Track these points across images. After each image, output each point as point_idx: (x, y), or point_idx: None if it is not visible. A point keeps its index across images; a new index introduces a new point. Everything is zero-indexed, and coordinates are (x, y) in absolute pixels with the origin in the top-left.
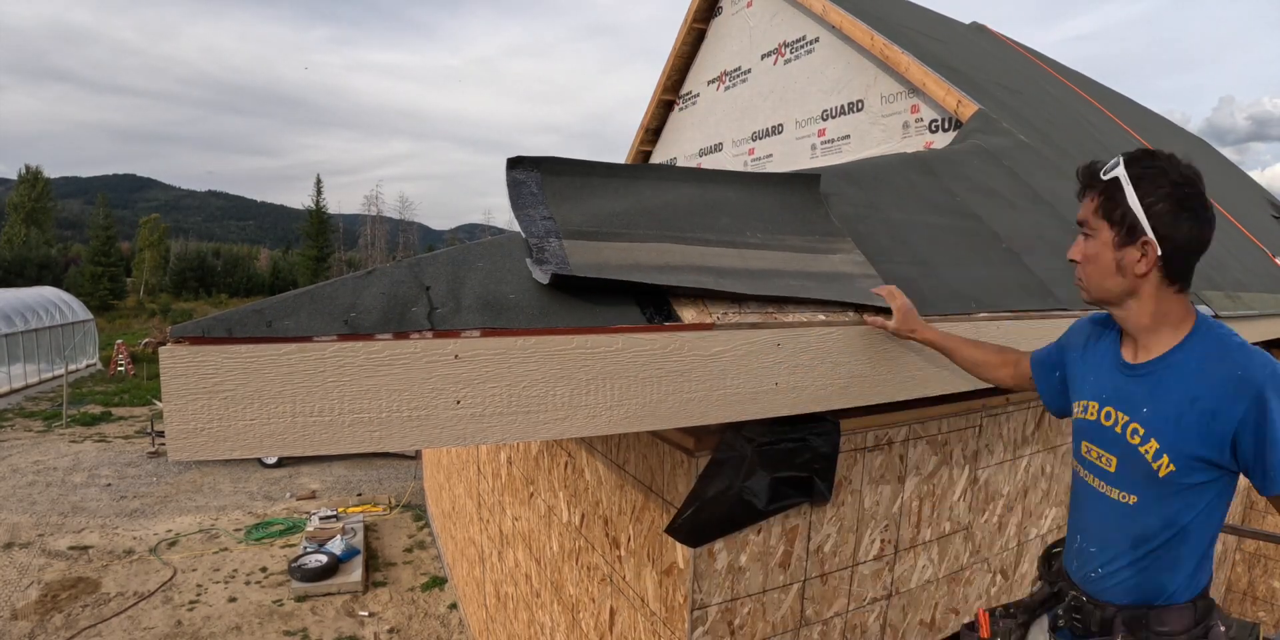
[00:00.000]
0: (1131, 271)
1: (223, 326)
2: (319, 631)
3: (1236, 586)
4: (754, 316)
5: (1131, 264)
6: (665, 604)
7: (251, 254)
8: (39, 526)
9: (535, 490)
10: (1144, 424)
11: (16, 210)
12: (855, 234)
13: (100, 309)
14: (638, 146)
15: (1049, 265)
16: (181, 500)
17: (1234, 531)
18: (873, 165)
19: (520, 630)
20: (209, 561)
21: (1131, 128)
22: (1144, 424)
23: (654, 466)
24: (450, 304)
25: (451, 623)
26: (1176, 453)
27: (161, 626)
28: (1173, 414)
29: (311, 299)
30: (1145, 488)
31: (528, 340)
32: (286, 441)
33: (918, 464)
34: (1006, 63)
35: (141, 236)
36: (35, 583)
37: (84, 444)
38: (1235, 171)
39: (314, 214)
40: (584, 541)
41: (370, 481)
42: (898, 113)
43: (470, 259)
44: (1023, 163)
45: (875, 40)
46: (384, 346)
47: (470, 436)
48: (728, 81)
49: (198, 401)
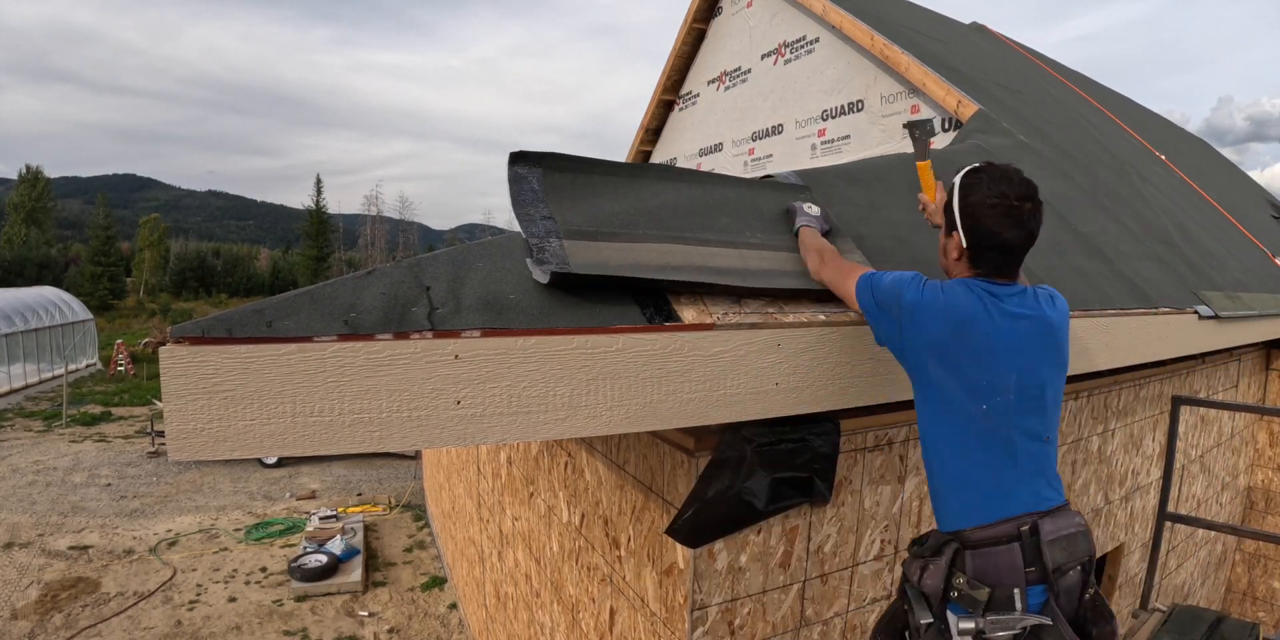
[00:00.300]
0: (949, 255)
1: (223, 326)
2: (319, 631)
3: (1236, 586)
4: (754, 317)
5: (949, 250)
6: (665, 604)
7: (251, 254)
8: (39, 526)
9: (535, 490)
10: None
11: (17, 210)
12: (855, 234)
13: (100, 309)
14: (638, 146)
15: (1049, 265)
16: (181, 500)
17: (1234, 531)
18: (873, 165)
19: (520, 630)
20: (209, 561)
21: (1131, 128)
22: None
23: (654, 467)
24: (450, 304)
25: (451, 623)
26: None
27: (161, 626)
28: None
29: (312, 299)
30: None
31: (528, 340)
32: (286, 441)
33: (918, 464)
34: (1006, 63)
35: (141, 236)
36: (35, 582)
37: (84, 444)
38: (1235, 172)
39: (314, 214)
40: (584, 541)
41: (370, 481)
42: (898, 113)
43: (470, 259)
44: (1023, 163)
45: (875, 40)
46: (384, 346)
47: (470, 437)
48: (728, 81)
49: (198, 401)
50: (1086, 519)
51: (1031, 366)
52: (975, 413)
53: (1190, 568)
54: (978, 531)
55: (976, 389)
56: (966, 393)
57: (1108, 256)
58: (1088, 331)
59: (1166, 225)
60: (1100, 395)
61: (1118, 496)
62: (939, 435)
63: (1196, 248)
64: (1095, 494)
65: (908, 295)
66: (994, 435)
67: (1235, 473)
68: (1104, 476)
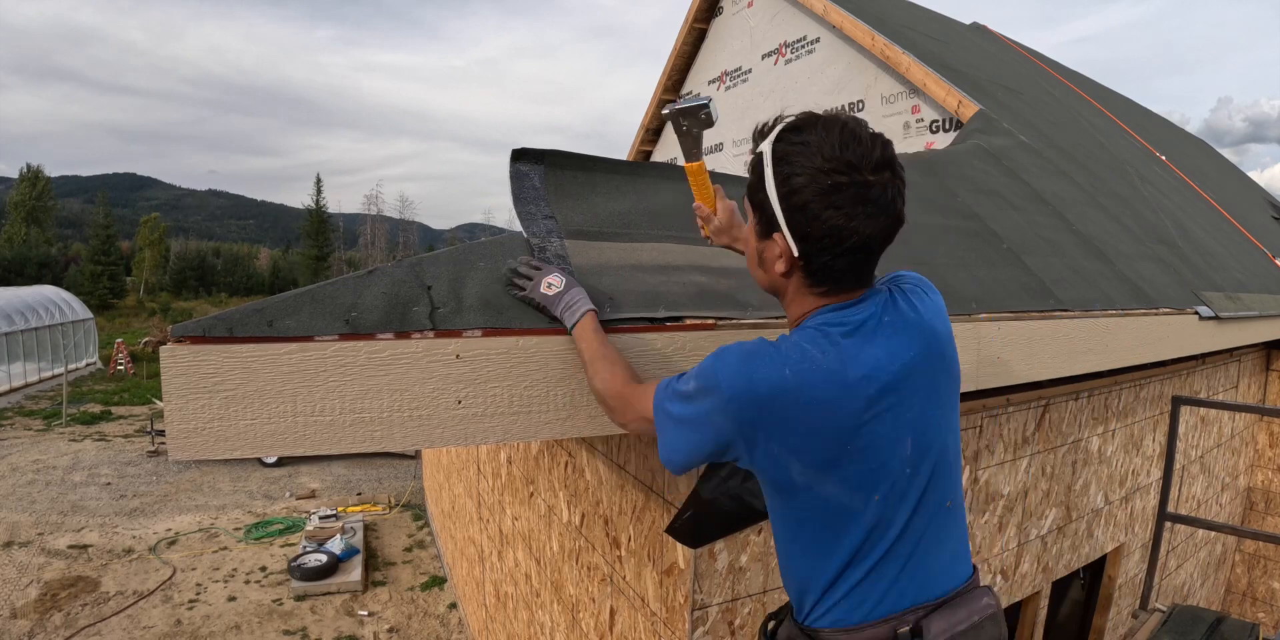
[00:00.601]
0: (770, 268)
1: (223, 326)
2: (318, 631)
3: (1236, 587)
4: (755, 317)
5: (771, 260)
6: (666, 604)
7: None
8: (38, 525)
9: (535, 490)
10: None
11: (17, 209)
12: None
13: (100, 308)
14: (638, 146)
15: (1049, 265)
16: (181, 499)
17: (1234, 532)
18: None
19: (520, 630)
20: (208, 560)
21: (1132, 128)
22: None
23: (655, 466)
24: (451, 304)
25: (451, 622)
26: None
27: (161, 625)
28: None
29: (312, 298)
30: None
31: (529, 340)
32: (287, 441)
33: None
34: (1007, 63)
35: (141, 235)
36: (35, 582)
37: (84, 443)
38: (1235, 172)
39: (314, 213)
40: (584, 541)
41: (370, 481)
42: (899, 113)
43: (471, 259)
44: (1023, 163)
45: (876, 40)
46: (385, 346)
47: (472, 436)
48: (728, 81)
49: (198, 401)
50: (998, 597)
51: (925, 418)
52: (861, 507)
53: (1190, 568)
54: (840, 634)
55: (860, 483)
56: (848, 489)
57: (1108, 257)
58: (1088, 332)
59: (1166, 225)
60: (1100, 395)
61: (1118, 497)
62: (795, 528)
63: (1197, 248)
64: (1095, 494)
65: (728, 390)
66: (875, 523)
67: (1235, 473)
68: (1104, 477)
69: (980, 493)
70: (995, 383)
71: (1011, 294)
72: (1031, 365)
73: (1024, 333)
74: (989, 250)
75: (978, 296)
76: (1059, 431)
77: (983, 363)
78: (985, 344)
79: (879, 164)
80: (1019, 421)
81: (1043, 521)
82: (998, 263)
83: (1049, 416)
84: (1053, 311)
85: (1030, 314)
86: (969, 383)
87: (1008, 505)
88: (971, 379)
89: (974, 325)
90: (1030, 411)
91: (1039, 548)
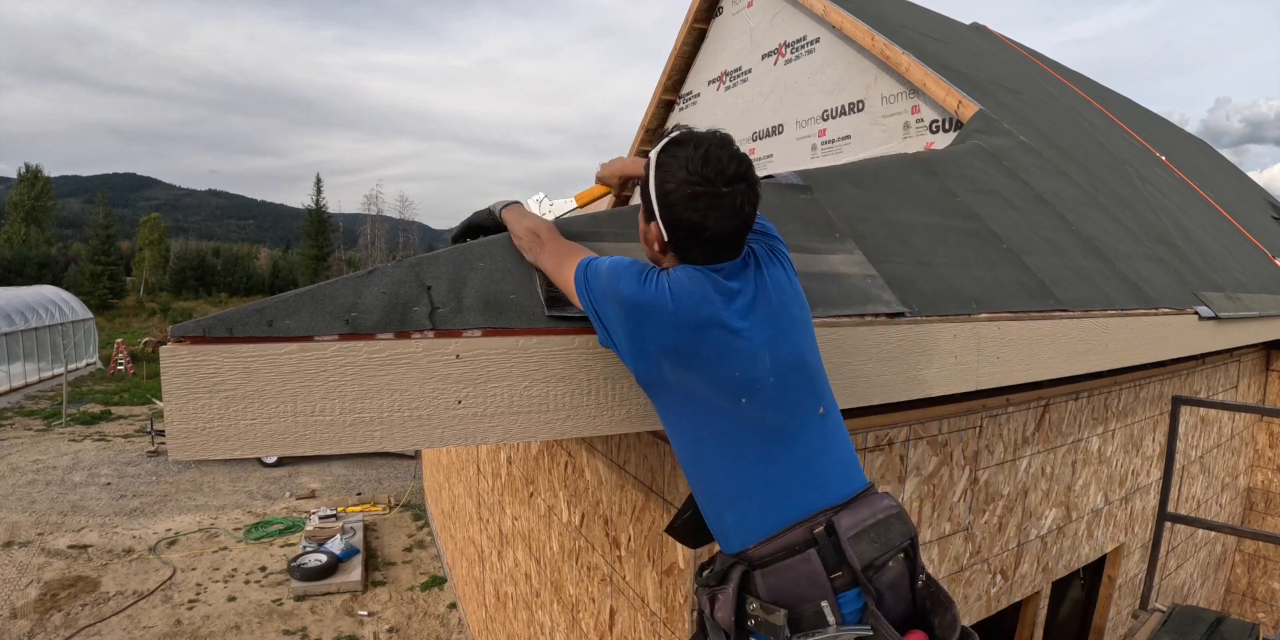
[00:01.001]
0: (651, 245)
1: (224, 326)
2: (318, 631)
3: (1236, 587)
4: None
5: (651, 240)
6: (666, 604)
7: (251, 253)
8: (38, 525)
9: (535, 490)
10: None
11: (16, 209)
12: (856, 234)
13: (100, 308)
14: (638, 147)
15: (1049, 265)
16: (181, 499)
17: (1234, 532)
18: (874, 166)
19: (520, 630)
20: (208, 560)
21: (1131, 128)
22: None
23: (654, 466)
24: (452, 304)
25: (451, 622)
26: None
27: (161, 625)
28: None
29: (313, 298)
30: None
31: (529, 340)
32: (287, 441)
33: (918, 464)
34: (1007, 63)
35: (141, 235)
36: (34, 582)
37: (84, 443)
38: (1235, 172)
39: (314, 213)
40: (584, 541)
41: (370, 481)
42: (898, 113)
43: (471, 259)
44: (1023, 163)
45: (876, 40)
46: (385, 346)
47: (472, 436)
48: (728, 81)
49: (198, 401)
50: (899, 501)
51: (783, 337)
52: (731, 410)
53: (1190, 568)
54: (762, 546)
55: (729, 385)
56: (717, 390)
57: (1108, 257)
58: (1088, 332)
59: (1166, 225)
60: (1100, 396)
61: (1118, 497)
62: (693, 445)
63: (1196, 248)
64: (1095, 494)
65: (626, 291)
66: (759, 429)
67: (1235, 473)
68: (1104, 477)
69: (980, 492)
70: (995, 383)
71: (1011, 294)
72: (1031, 365)
73: (1024, 333)
74: (989, 250)
75: (978, 297)
76: (1059, 431)
77: (983, 363)
78: (985, 344)
79: (732, 178)
80: (1019, 421)
81: (1042, 521)
82: (997, 263)
83: (1049, 416)
84: (1052, 311)
85: (1030, 314)
86: (969, 382)
87: (1007, 505)
88: (972, 379)
89: (974, 325)
90: (1030, 411)
91: (1039, 548)
